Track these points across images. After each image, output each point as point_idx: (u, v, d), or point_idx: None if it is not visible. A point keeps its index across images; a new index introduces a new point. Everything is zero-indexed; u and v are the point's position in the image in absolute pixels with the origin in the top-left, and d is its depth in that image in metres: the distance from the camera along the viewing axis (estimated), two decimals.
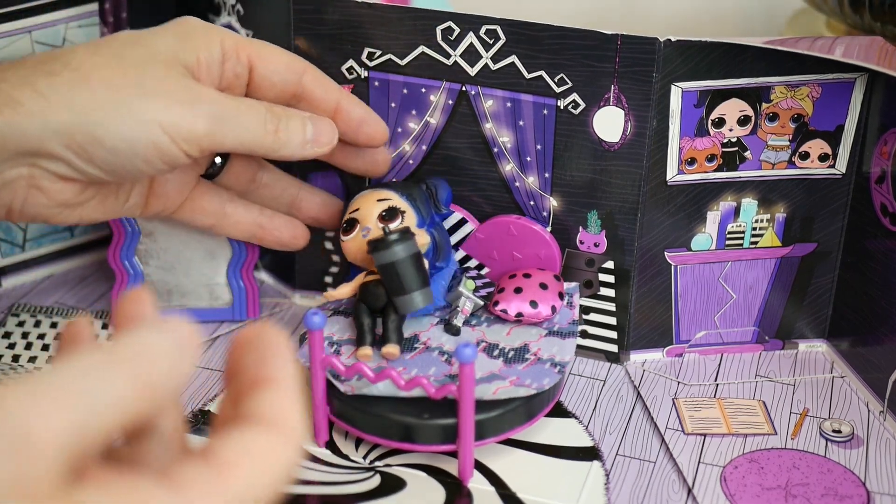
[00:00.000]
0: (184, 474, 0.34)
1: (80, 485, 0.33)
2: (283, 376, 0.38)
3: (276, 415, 0.37)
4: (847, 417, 0.73)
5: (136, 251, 0.79)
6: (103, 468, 0.34)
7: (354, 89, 0.75)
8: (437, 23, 0.72)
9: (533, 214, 0.75)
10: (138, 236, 0.79)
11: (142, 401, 0.34)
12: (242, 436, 0.36)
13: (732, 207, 0.74)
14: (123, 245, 0.79)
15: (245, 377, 0.38)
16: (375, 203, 0.72)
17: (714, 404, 0.74)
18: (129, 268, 0.79)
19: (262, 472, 0.35)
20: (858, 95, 0.71)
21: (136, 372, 0.34)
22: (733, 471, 0.68)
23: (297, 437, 0.37)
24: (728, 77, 0.70)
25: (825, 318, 0.78)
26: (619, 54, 0.69)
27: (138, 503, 0.33)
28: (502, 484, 0.67)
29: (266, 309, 0.83)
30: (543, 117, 0.72)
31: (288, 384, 0.38)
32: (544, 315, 0.73)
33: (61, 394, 0.32)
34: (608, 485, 0.68)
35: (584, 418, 0.73)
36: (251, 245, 0.80)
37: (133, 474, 0.34)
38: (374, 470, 0.68)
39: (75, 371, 0.33)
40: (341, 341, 0.72)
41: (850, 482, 0.68)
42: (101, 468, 0.34)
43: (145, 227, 0.79)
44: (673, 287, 0.76)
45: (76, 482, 0.33)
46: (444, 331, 0.73)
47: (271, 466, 0.36)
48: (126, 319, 0.39)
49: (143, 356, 0.34)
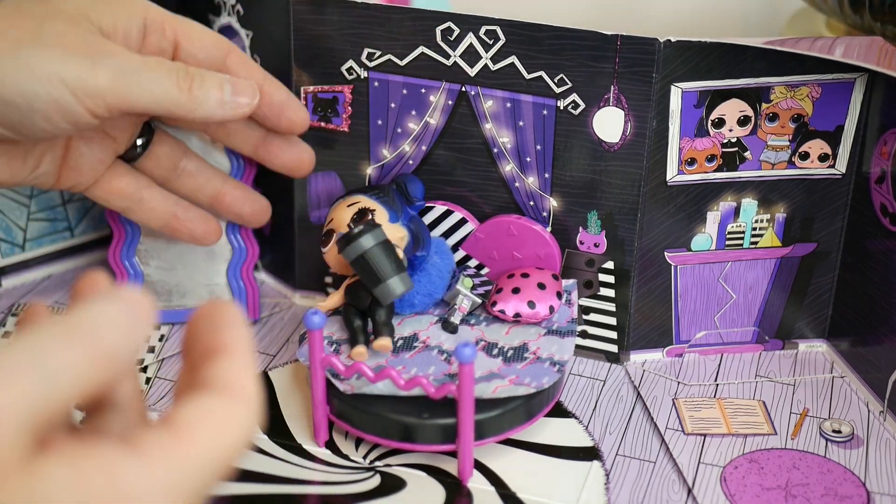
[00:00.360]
0: (144, 439, 0.35)
1: (43, 454, 0.33)
2: (237, 344, 0.38)
3: (233, 381, 0.37)
4: (847, 417, 0.73)
5: (136, 251, 0.79)
6: (66, 438, 0.34)
7: (354, 89, 0.75)
8: (436, 23, 0.72)
9: (533, 214, 0.76)
10: (138, 236, 0.79)
11: (98, 370, 0.34)
12: (200, 402, 0.36)
13: (732, 207, 0.74)
14: (123, 245, 0.79)
15: (201, 347, 0.38)
16: (346, 209, 0.73)
17: (714, 404, 0.74)
18: (129, 268, 0.79)
19: (221, 436, 0.36)
20: (858, 95, 0.71)
21: (92, 342, 0.34)
22: (733, 471, 0.68)
23: (253, 402, 0.37)
24: (728, 77, 0.70)
25: (825, 318, 0.78)
26: (619, 54, 0.69)
27: (100, 468, 0.33)
28: (502, 484, 0.67)
29: (266, 309, 0.83)
30: (543, 118, 0.72)
31: (243, 352, 0.38)
32: (542, 315, 0.73)
33: (18, 367, 0.33)
34: (608, 485, 0.68)
35: (584, 418, 0.73)
36: (251, 245, 0.80)
37: (94, 441, 0.34)
38: (374, 470, 0.68)
39: (32, 344, 0.33)
40: (341, 341, 0.72)
41: (850, 482, 0.68)
42: (63, 438, 0.34)
43: (145, 227, 0.79)
44: (673, 287, 0.76)
45: (39, 452, 0.33)
46: (442, 329, 0.73)
47: (229, 431, 0.36)
48: (81, 294, 0.39)
49: (98, 326, 0.35)
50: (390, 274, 0.69)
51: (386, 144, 0.77)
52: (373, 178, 0.78)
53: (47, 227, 0.85)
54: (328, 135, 0.77)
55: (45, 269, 0.86)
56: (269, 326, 0.81)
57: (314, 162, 0.76)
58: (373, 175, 0.78)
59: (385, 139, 0.76)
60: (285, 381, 0.76)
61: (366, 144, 0.77)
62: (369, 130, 0.77)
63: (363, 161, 0.78)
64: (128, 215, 0.74)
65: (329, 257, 0.73)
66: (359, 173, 0.78)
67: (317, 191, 0.79)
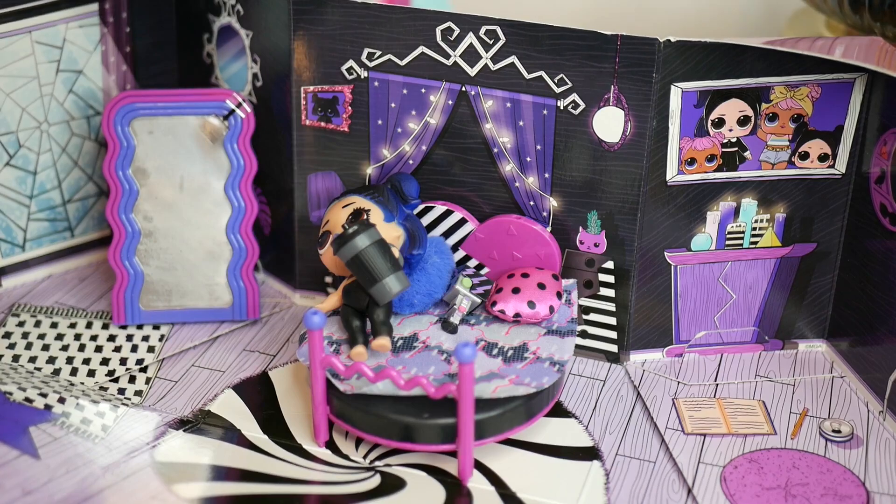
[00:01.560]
0: None
1: None
2: None
3: None
4: (847, 417, 0.73)
5: (136, 251, 0.79)
6: None
7: (354, 89, 0.75)
8: (436, 23, 0.72)
9: (533, 214, 0.76)
10: (138, 236, 0.79)
11: None
12: None
13: (732, 207, 0.74)
14: (123, 245, 0.79)
15: None
16: (341, 210, 0.73)
17: (714, 404, 0.74)
18: (129, 268, 0.79)
19: None
20: (858, 95, 0.71)
21: None
22: (733, 471, 0.69)
23: None
24: (728, 77, 0.70)
25: (825, 318, 0.78)
26: (619, 54, 0.69)
27: None
28: (502, 484, 0.67)
29: (266, 309, 0.83)
30: (543, 118, 0.72)
31: None
32: (542, 315, 0.73)
33: None
34: (608, 485, 0.68)
35: (583, 418, 0.73)
36: (251, 245, 0.80)
37: None
38: (374, 470, 0.68)
39: None
40: (341, 341, 0.72)
41: (850, 482, 0.68)
42: None
43: (145, 227, 0.79)
44: (673, 287, 0.76)
45: None
46: (442, 328, 0.73)
47: None
48: None
49: None
50: (386, 273, 0.69)
51: (386, 144, 0.77)
52: (373, 178, 0.78)
53: (47, 227, 0.85)
54: (328, 135, 0.77)
55: (45, 269, 0.86)
56: (269, 326, 0.81)
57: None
58: (373, 175, 0.78)
59: (385, 139, 0.76)
60: (285, 381, 0.76)
61: (366, 144, 0.77)
62: (369, 130, 0.77)
63: (363, 161, 0.78)
64: None
65: (326, 259, 0.74)
66: (359, 173, 0.78)
67: (317, 191, 0.79)
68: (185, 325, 0.81)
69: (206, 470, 0.68)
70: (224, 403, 0.73)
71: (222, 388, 0.75)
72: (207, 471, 0.68)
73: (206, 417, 0.72)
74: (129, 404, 0.73)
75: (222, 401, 0.74)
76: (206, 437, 0.71)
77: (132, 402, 0.73)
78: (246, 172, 0.78)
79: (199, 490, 0.67)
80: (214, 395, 0.74)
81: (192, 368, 0.77)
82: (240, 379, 0.76)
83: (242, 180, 0.78)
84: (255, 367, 0.77)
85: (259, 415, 0.72)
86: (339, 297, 0.73)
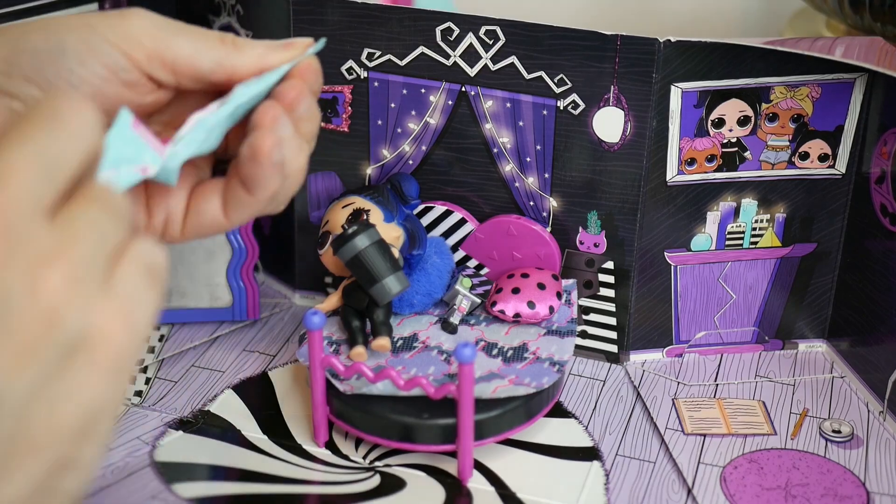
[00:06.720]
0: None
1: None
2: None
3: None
4: (847, 417, 0.73)
5: None
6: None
7: (354, 89, 0.75)
8: (436, 23, 0.72)
9: (533, 214, 0.76)
10: None
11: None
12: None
13: (732, 208, 0.74)
14: None
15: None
16: (341, 210, 0.73)
17: (714, 404, 0.74)
18: None
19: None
20: (858, 96, 0.71)
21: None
22: (733, 471, 0.69)
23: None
24: (728, 77, 0.70)
25: (825, 318, 0.78)
26: (619, 55, 0.69)
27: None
28: (502, 484, 0.67)
29: (266, 309, 0.83)
30: (543, 118, 0.72)
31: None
32: (542, 315, 0.73)
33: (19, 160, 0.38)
34: (608, 485, 0.68)
35: (583, 418, 0.73)
36: (251, 245, 0.80)
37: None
38: (373, 470, 0.68)
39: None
40: (341, 341, 0.72)
41: (850, 482, 0.68)
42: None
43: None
44: (673, 287, 0.76)
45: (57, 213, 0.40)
46: (441, 329, 0.73)
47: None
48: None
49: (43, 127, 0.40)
50: (386, 273, 0.69)
51: (386, 144, 0.77)
52: (373, 178, 0.78)
53: None
54: (328, 135, 0.77)
55: None
56: (269, 326, 0.81)
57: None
58: (373, 175, 0.78)
59: (385, 139, 0.76)
60: (285, 381, 0.76)
61: (366, 144, 0.77)
62: (369, 130, 0.77)
63: (363, 161, 0.78)
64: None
65: (326, 259, 0.74)
66: (359, 173, 0.78)
67: (317, 191, 0.79)
68: (185, 326, 0.81)
69: (206, 470, 0.68)
70: (224, 404, 0.73)
71: (222, 389, 0.75)
72: (207, 471, 0.68)
73: (206, 418, 0.72)
74: (128, 404, 0.73)
75: (222, 401, 0.74)
76: (206, 437, 0.71)
77: (132, 402, 0.73)
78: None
79: (199, 490, 0.67)
80: (214, 395, 0.74)
81: (192, 368, 0.77)
82: (239, 379, 0.76)
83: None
84: (254, 367, 0.77)
85: (259, 414, 0.72)
86: (339, 297, 0.73)
